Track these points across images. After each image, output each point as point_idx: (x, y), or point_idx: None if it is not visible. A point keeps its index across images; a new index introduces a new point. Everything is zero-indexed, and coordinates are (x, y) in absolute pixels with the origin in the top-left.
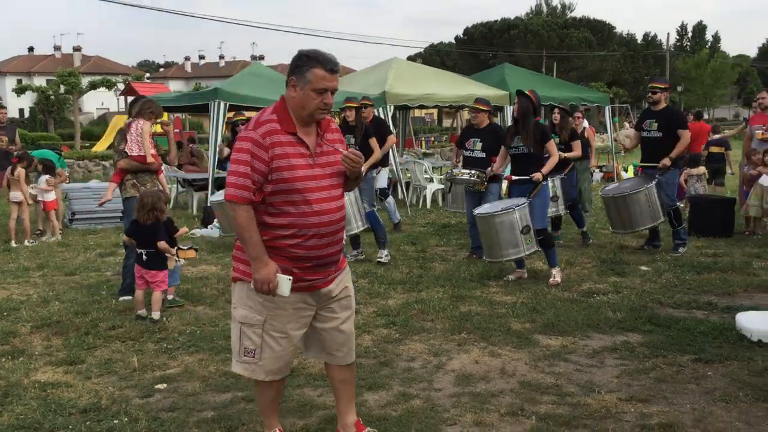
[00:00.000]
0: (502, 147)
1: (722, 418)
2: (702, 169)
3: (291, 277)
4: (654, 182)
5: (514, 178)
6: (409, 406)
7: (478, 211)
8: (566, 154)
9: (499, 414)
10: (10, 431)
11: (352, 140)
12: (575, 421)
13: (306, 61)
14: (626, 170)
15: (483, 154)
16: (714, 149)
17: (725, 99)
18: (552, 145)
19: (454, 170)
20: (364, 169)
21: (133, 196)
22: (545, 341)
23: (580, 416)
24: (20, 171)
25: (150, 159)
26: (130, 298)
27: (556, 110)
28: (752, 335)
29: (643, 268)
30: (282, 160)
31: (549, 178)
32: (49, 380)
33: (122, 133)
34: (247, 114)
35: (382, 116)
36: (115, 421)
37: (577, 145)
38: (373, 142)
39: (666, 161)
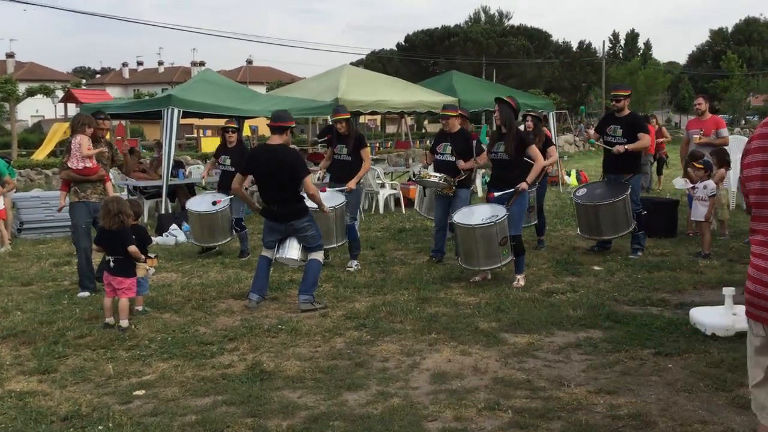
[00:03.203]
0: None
1: (686, 407)
2: None
3: None
4: (629, 191)
5: (496, 194)
6: (389, 405)
7: (457, 218)
8: (544, 163)
9: (477, 409)
10: None
11: (345, 150)
12: (550, 414)
13: None
14: (569, 174)
15: (453, 158)
16: None
17: (657, 105)
18: (534, 149)
19: (422, 171)
20: (355, 181)
21: (74, 202)
22: (512, 339)
23: (554, 409)
24: None
25: (90, 165)
26: (87, 294)
27: (529, 117)
28: (706, 329)
29: (596, 268)
30: None
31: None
32: (24, 389)
33: (66, 147)
34: (206, 121)
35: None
36: (99, 427)
37: (552, 151)
38: (365, 152)
39: (619, 147)
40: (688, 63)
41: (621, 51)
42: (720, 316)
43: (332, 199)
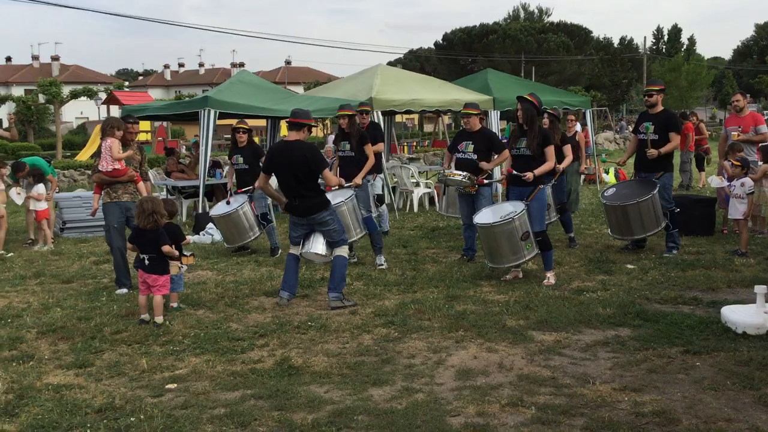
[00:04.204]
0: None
1: (712, 404)
2: None
3: None
4: (657, 189)
5: (514, 172)
6: (413, 400)
7: (477, 219)
8: (560, 166)
9: (500, 405)
10: (30, 431)
11: (347, 146)
12: (573, 410)
13: None
14: (607, 173)
15: (474, 156)
16: None
17: (701, 101)
18: (551, 150)
19: (446, 171)
20: (361, 176)
21: (106, 203)
22: (539, 337)
23: (577, 405)
24: None
25: (118, 167)
26: (125, 291)
27: (545, 115)
28: (737, 327)
29: (630, 266)
30: None
31: (544, 185)
32: (62, 383)
33: (97, 150)
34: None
35: None
36: (131, 419)
37: (568, 149)
38: (368, 148)
39: (653, 151)
40: (732, 58)
41: (664, 47)
42: (751, 315)
43: (340, 194)
